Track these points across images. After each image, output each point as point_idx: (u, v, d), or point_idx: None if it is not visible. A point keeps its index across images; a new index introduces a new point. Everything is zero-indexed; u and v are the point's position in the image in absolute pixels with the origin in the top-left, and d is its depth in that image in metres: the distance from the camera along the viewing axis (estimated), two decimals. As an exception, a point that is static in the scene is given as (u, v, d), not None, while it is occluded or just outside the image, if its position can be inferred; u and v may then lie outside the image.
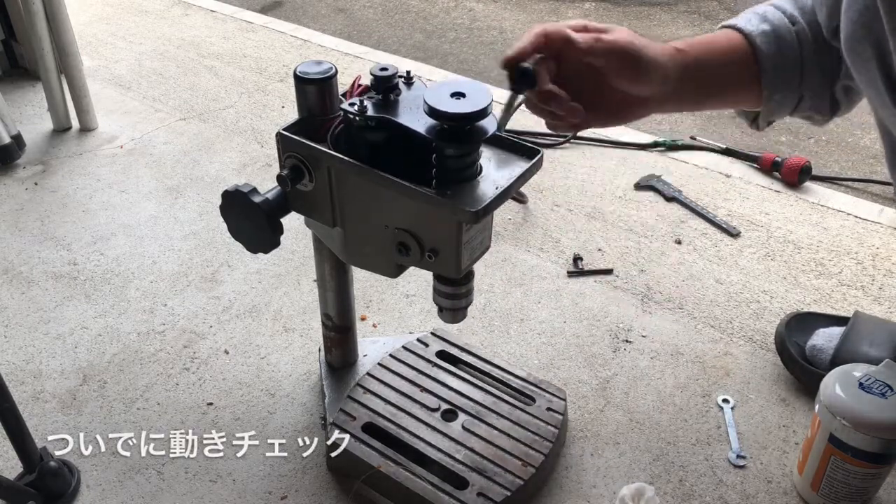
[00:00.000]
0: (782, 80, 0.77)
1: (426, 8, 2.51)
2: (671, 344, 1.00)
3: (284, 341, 1.00)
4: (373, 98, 0.64)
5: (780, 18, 0.76)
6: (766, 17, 0.77)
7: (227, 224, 0.69)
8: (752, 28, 0.75)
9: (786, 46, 0.75)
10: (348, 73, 1.64)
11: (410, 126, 0.61)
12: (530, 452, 0.80)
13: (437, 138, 0.60)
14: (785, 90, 0.77)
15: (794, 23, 0.76)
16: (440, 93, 0.59)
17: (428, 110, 0.59)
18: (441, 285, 0.71)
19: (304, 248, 1.16)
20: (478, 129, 0.60)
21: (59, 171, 1.36)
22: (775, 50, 0.75)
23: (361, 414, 0.83)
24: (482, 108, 0.58)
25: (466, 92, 0.59)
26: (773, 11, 0.77)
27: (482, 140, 0.61)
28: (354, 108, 0.62)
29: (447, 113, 0.58)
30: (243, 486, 0.82)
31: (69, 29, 1.41)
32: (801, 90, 0.77)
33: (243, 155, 1.41)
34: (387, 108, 0.63)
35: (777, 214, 1.25)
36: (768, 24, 0.76)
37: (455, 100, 0.59)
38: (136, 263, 1.14)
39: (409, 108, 0.63)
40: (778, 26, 0.76)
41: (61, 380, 0.95)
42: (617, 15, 2.44)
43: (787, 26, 0.76)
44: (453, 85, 0.60)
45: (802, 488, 0.81)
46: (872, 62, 0.64)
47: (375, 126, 0.62)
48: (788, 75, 0.77)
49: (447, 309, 0.73)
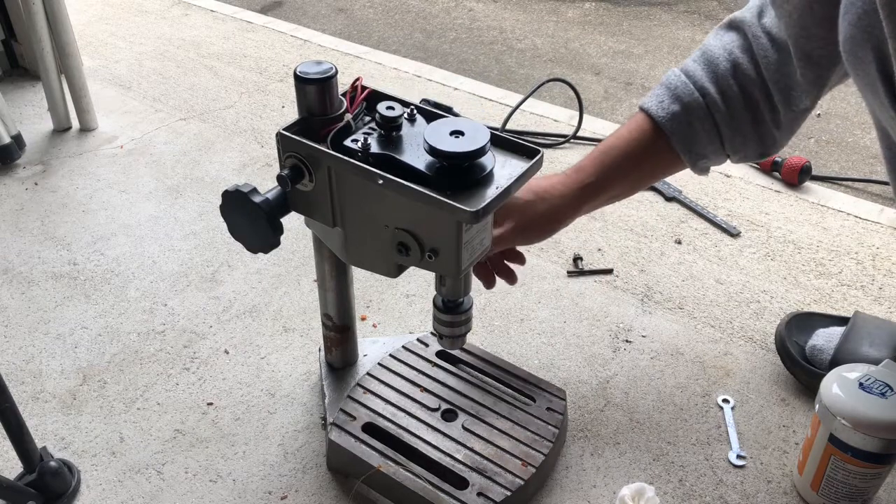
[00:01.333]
0: (702, 150, 0.82)
1: (426, 8, 2.51)
2: (671, 344, 1.00)
3: (284, 341, 1.00)
4: (374, 132, 0.66)
5: (690, 93, 0.80)
6: (676, 94, 0.81)
7: (227, 224, 0.69)
8: (662, 113, 0.80)
9: (698, 120, 0.80)
10: (348, 73, 1.64)
11: (411, 164, 0.63)
12: (530, 452, 0.80)
13: (436, 175, 0.62)
14: (708, 155, 0.83)
15: (704, 94, 0.80)
16: (440, 131, 0.62)
17: (428, 149, 0.61)
18: (440, 314, 0.74)
19: (304, 248, 1.16)
20: (476, 165, 0.62)
21: (59, 171, 1.36)
22: (687, 127, 0.80)
23: (361, 414, 0.83)
24: (480, 146, 0.61)
25: (465, 131, 0.62)
26: (683, 85, 0.81)
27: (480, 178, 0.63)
28: (358, 146, 0.64)
29: (447, 152, 0.60)
30: (243, 486, 0.82)
31: (69, 29, 1.41)
32: (724, 152, 0.83)
33: (243, 155, 1.41)
34: (389, 145, 0.65)
35: (777, 214, 1.25)
36: (678, 102, 0.80)
37: (454, 138, 0.61)
38: (136, 263, 1.14)
39: (410, 145, 0.65)
40: (688, 103, 0.80)
41: (61, 380, 0.95)
42: (617, 15, 2.44)
43: (697, 101, 0.80)
44: (453, 123, 0.63)
45: (802, 488, 0.81)
46: (872, 66, 0.64)
47: (377, 164, 0.64)
48: (707, 145, 0.82)
49: (446, 336, 0.76)
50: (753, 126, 0.80)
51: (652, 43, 2.26)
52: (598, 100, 1.95)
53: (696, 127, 0.80)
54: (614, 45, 2.25)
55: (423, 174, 0.62)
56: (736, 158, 0.84)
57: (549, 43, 2.27)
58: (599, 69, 2.11)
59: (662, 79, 0.83)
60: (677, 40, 2.27)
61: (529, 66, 2.13)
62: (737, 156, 0.83)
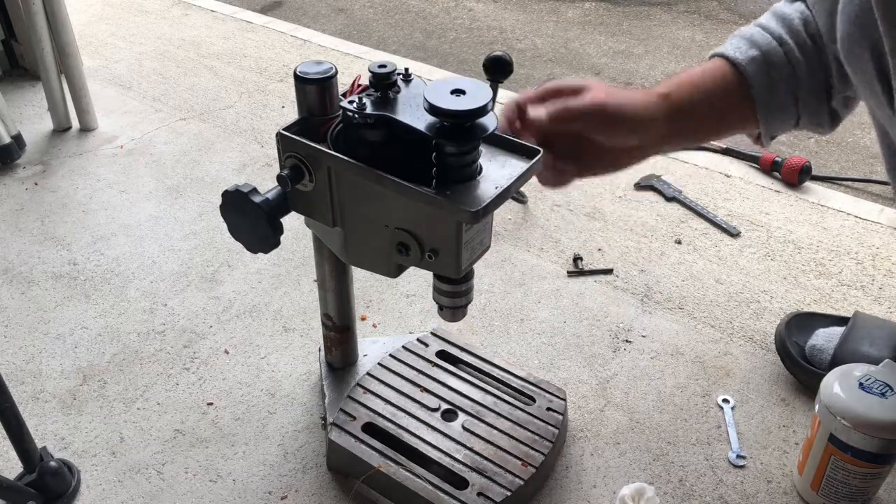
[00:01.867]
0: (776, 106, 0.77)
1: (426, 8, 2.51)
2: (671, 344, 1.00)
3: (284, 341, 1.00)
4: (371, 95, 0.64)
5: (769, 41, 0.75)
6: (753, 41, 0.76)
7: (227, 224, 0.69)
8: (740, 56, 0.75)
9: (776, 71, 0.75)
10: (348, 73, 1.64)
11: (410, 123, 0.61)
12: (530, 452, 0.80)
13: (437, 135, 0.60)
14: (780, 114, 0.77)
15: (781, 43, 0.75)
16: (440, 90, 0.59)
17: (428, 107, 0.58)
18: (441, 284, 0.71)
19: (304, 248, 1.16)
20: (478, 126, 0.60)
21: (59, 171, 1.36)
22: (766, 76, 0.75)
23: (361, 414, 0.83)
24: (482, 104, 0.58)
25: (467, 89, 0.59)
26: (760, 34, 0.76)
27: (483, 137, 0.61)
28: (353, 106, 0.62)
29: (447, 110, 0.58)
30: (243, 486, 0.82)
31: (69, 29, 1.41)
32: (797, 111, 0.77)
33: (243, 155, 1.41)
34: (386, 105, 0.63)
35: (777, 214, 1.25)
36: (756, 48, 0.75)
37: (455, 97, 0.58)
38: (136, 263, 1.14)
39: (408, 106, 0.63)
40: (767, 50, 0.75)
41: (61, 380, 0.95)
42: (617, 15, 2.44)
43: (775, 48, 0.75)
44: (453, 82, 0.60)
45: (802, 488, 0.81)
46: (869, 64, 0.64)
47: (374, 123, 0.62)
48: (782, 99, 0.76)
49: (447, 307, 0.73)
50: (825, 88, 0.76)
51: (652, 43, 2.26)
52: (598, 100, 1.94)
53: (774, 76, 0.75)
54: (614, 45, 2.25)
55: (423, 134, 0.60)
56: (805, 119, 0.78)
57: (549, 43, 2.27)
58: (599, 69, 2.11)
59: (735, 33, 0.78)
60: (677, 40, 2.27)
61: (529, 66, 2.13)
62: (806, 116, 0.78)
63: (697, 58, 2.12)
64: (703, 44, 2.22)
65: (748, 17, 0.84)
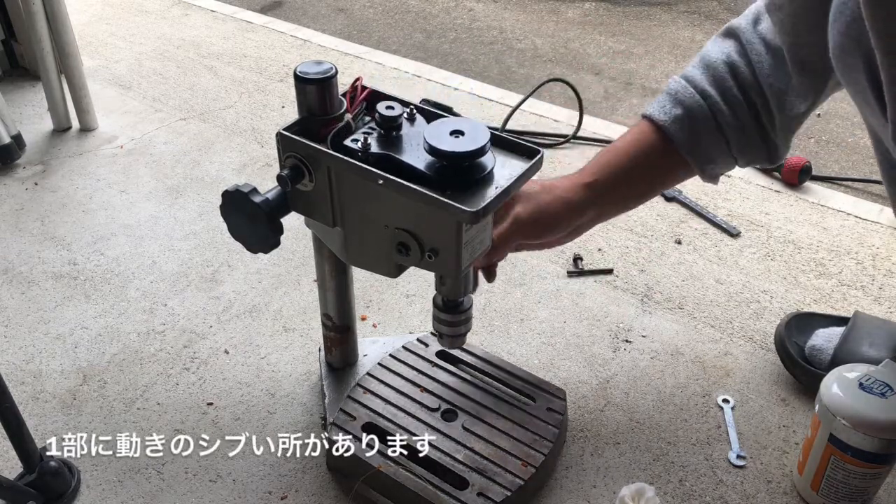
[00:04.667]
0: (706, 156, 0.81)
1: (426, 8, 2.51)
2: (671, 344, 1.00)
3: (284, 341, 1.00)
4: (374, 132, 0.66)
5: (692, 96, 0.79)
6: (678, 99, 0.80)
7: (227, 224, 0.69)
8: (664, 118, 0.80)
9: (701, 124, 0.79)
10: (348, 73, 1.64)
11: (411, 163, 0.62)
12: (530, 452, 0.80)
13: (436, 176, 0.61)
14: (714, 161, 0.82)
15: (705, 97, 0.79)
16: (440, 131, 0.62)
17: (428, 149, 0.61)
18: (440, 313, 0.74)
19: (304, 248, 1.16)
20: (476, 165, 0.62)
21: (59, 171, 1.36)
22: (690, 132, 0.79)
23: (361, 414, 0.83)
24: (481, 145, 0.60)
25: (465, 130, 0.62)
26: (684, 89, 0.80)
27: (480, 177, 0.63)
28: (358, 146, 0.64)
29: (447, 152, 0.60)
30: (243, 486, 0.82)
31: (69, 29, 1.41)
32: (732, 154, 0.82)
33: (243, 155, 1.41)
34: (389, 144, 0.65)
35: (777, 214, 1.25)
36: (680, 106, 0.79)
37: (454, 138, 0.61)
38: (136, 263, 1.14)
39: (410, 145, 0.65)
40: (690, 106, 0.79)
41: (61, 380, 0.95)
42: (617, 15, 2.44)
43: (699, 104, 0.79)
44: (453, 123, 0.63)
45: (802, 488, 0.81)
46: (862, 74, 0.64)
47: (377, 162, 0.64)
48: (711, 149, 0.81)
49: (446, 336, 0.76)
50: (756, 128, 0.80)
51: (652, 43, 2.26)
52: (598, 100, 1.95)
53: (699, 129, 0.79)
54: (614, 45, 2.25)
55: (423, 174, 0.62)
56: (743, 161, 0.83)
57: (549, 43, 2.27)
58: (599, 69, 2.11)
59: (665, 88, 0.83)
60: (677, 40, 2.27)
61: (529, 66, 2.13)
62: (744, 159, 0.82)
63: (697, 58, 2.12)
64: (703, 44, 2.22)
65: (748, 17, 0.85)
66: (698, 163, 0.81)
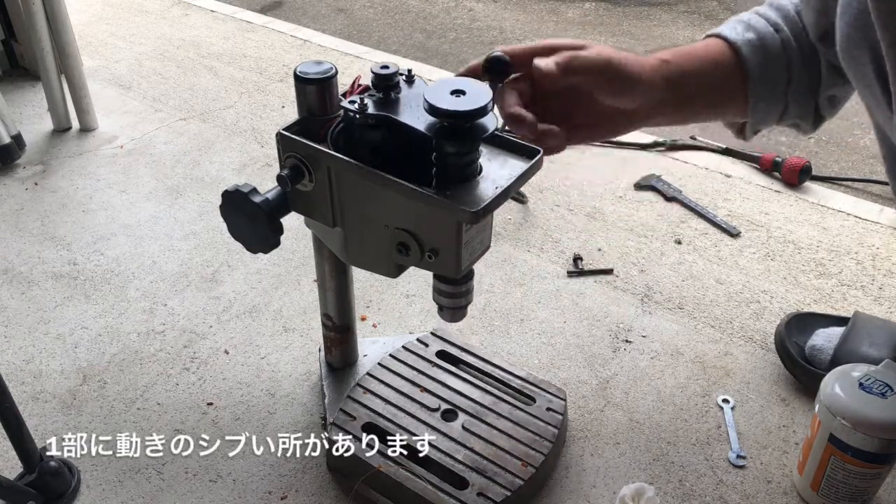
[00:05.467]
0: (768, 89, 0.77)
1: (426, 8, 2.51)
2: (671, 344, 1.00)
3: (284, 341, 1.00)
4: (373, 96, 0.64)
5: (765, 26, 0.76)
6: (750, 24, 0.77)
7: (227, 224, 0.69)
8: (736, 36, 0.75)
9: (771, 55, 0.76)
10: (348, 73, 1.64)
11: (410, 124, 0.61)
12: (530, 452, 0.80)
13: (436, 136, 0.60)
14: (770, 99, 0.77)
15: (778, 30, 0.76)
16: (440, 91, 0.59)
17: (428, 108, 0.59)
18: (441, 284, 0.71)
19: (304, 248, 1.16)
20: (478, 126, 0.60)
21: (59, 171, 1.36)
22: (760, 58, 0.75)
23: (361, 414, 0.83)
24: (482, 105, 0.58)
25: (466, 90, 0.59)
26: (757, 19, 0.77)
27: (482, 138, 0.61)
28: (355, 106, 0.62)
29: (447, 110, 0.58)
30: (243, 486, 0.82)
31: (69, 29, 1.41)
32: (786, 99, 0.78)
33: (243, 155, 1.41)
34: (387, 106, 0.63)
35: (777, 214, 1.25)
36: (753, 32, 0.76)
37: (455, 97, 0.59)
38: (136, 263, 1.14)
39: (409, 107, 0.63)
40: (763, 34, 0.76)
41: (61, 380, 0.95)
42: (617, 15, 2.44)
43: (772, 34, 0.76)
44: (453, 83, 0.60)
45: (802, 488, 0.81)
46: (868, 66, 0.64)
47: (375, 124, 0.62)
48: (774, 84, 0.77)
49: (447, 308, 0.73)
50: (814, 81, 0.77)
51: (652, 43, 2.26)
52: (598, 100, 1.94)
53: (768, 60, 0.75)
54: (614, 45, 2.25)
55: (422, 134, 0.60)
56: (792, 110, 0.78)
57: (549, 43, 2.27)
58: (599, 69, 2.11)
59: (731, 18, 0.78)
60: (677, 40, 2.27)
61: (529, 66, 2.13)
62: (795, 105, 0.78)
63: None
64: (703, 44, 2.22)
65: (748, 17, 0.84)
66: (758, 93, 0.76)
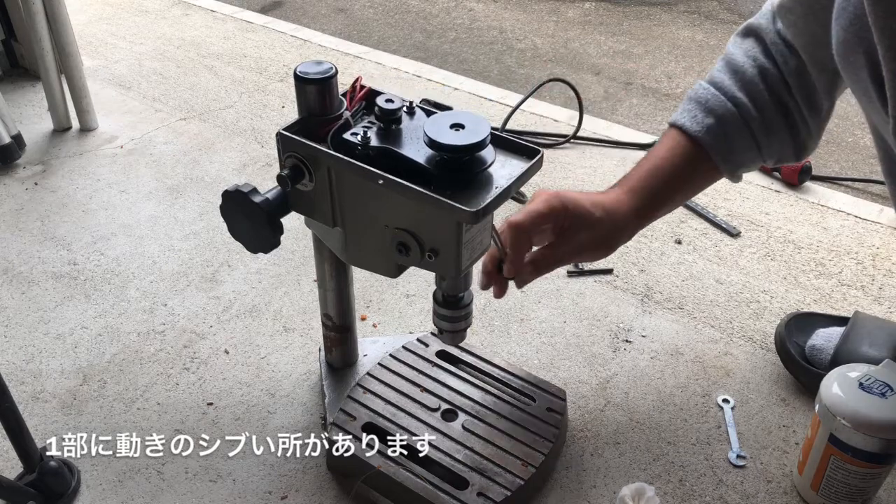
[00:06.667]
0: (738, 161, 0.81)
1: (426, 8, 2.51)
2: (671, 344, 1.00)
3: (284, 341, 1.00)
4: (374, 126, 0.66)
5: (722, 103, 0.79)
6: (708, 106, 0.79)
7: (227, 224, 0.69)
8: (697, 128, 0.79)
9: (734, 131, 0.79)
10: (348, 73, 1.64)
11: (411, 157, 0.62)
12: (530, 452, 0.80)
13: (436, 169, 0.61)
14: (743, 164, 0.82)
15: (737, 105, 0.78)
16: (440, 124, 0.61)
17: (428, 142, 0.61)
18: (441, 308, 0.74)
19: (304, 248, 1.16)
20: (476, 159, 0.62)
21: (59, 171, 1.36)
22: (723, 141, 0.79)
23: (361, 414, 0.83)
24: (481, 139, 0.60)
25: (465, 124, 0.61)
26: (713, 97, 0.80)
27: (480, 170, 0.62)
28: (357, 139, 0.64)
29: (446, 145, 0.60)
30: (243, 486, 0.82)
31: (69, 29, 1.41)
32: (762, 157, 0.82)
33: (243, 155, 1.41)
34: (388, 137, 0.65)
35: (777, 214, 1.25)
36: (712, 116, 0.79)
37: (454, 131, 0.61)
38: (136, 263, 1.14)
39: (410, 139, 0.64)
40: (721, 115, 0.79)
41: (61, 380, 0.95)
42: (617, 15, 2.45)
43: (730, 111, 0.79)
44: (453, 116, 0.62)
45: (802, 488, 0.81)
46: (864, 70, 0.64)
47: (376, 156, 0.64)
48: (743, 154, 0.81)
49: (447, 331, 0.76)
50: (787, 129, 0.79)
51: (652, 43, 2.26)
52: (598, 100, 1.95)
53: (732, 137, 0.79)
54: (614, 45, 2.25)
55: (423, 168, 0.61)
56: (772, 162, 0.83)
57: (549, 43, 2.27)
58: (599, 69, 2.11)
59: (689, 93, 0.82)
60: (677, 40, 2.27)
61: (529, 66, 2.13)
62: (773, 159, 0.82)
63: (697, 58, 2.12)
64: (703, 44, 2.22)
65: (748, 17, 0.84)
66: (729, 168, 0.81)
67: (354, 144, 0.64)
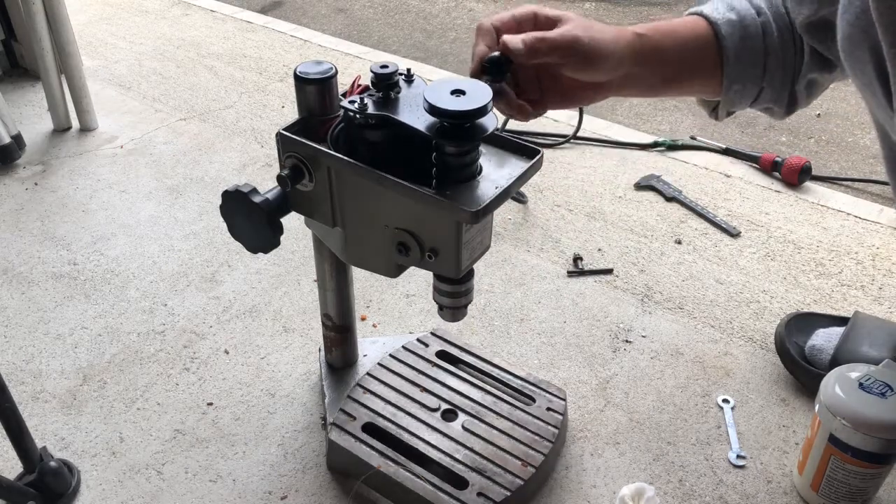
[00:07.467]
0: (744, 71, 0.77)
1: (426, 8, 2.51)
2: (671, 344, 1.00)
3: (284, 341, 1.00)
4: (373, 96, 0.64)
5: (747, 8, 0.76)
6: (732, 5, 0.77)
7: (227, 224, 0.69)
8: (717, 16, 0.75)
9: (750, 37, 0.76)
10: (348, 73, 1.64)
11: (410, 124, 0.61)
12: (530, 452, 0.80)
13: (436, 136, 0.60)
14: (746, 81, 0.77)
15: (759, 13, 0.76)
16: (440, 90, 0.59)
17: (428, 108, 0.58)
18: (441, 284, 0.71)
19: (304, 248, 1.16)
20: (477, 126, 0.60)
21: (59, 171, 1.36)
22: (739, 39, 0.75)
23: (361, 414, 0.83)
24: (482, 105, 0.58)
25: (466, 90, 0.59)
26: (740, 1, 0.77)
27: (482, 137, 0.61)
28: (354, 106, 0.62)
29: (447, 110, 0.58)
30: (243, 486, 0.82)
31: (69, 29, 1.41)
32: (762, 82, 0.78)
33: (243, 155, 1.41)
34: (387, 105, 0.63)
35: (777, 214, 1.25)
36: (734, 12, 0.76)
37: (455, 97, 0.59)
38: (136, 263, 1.14)
39: (409, 106, 0.63)
40: (744, 16, 0.76)
41: (61, 380, 0.95)
42: (617, 15, 2.44)
43: (752, 16, 0.76)
44: (453, 83, 0.60)
45: (802, 488, 0.81)
46: (869, 65, 0.64)
47: (375, 124, 0.62)
48: (750, 66, 0.77)
49: (447, 307, 0.73)
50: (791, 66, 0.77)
51: (652, 43, 2.25)
52: (598, 100, 1.94)
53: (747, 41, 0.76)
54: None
55: (422, 134, 0.60)
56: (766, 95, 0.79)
57: (549, 43, 2.26)
58: (599, 69, 2.11)
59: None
60: (677, 40, 2.26)
61: (529, 66, 2.12)
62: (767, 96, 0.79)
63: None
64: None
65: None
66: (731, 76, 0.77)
67: (352, 112, 0.62)
